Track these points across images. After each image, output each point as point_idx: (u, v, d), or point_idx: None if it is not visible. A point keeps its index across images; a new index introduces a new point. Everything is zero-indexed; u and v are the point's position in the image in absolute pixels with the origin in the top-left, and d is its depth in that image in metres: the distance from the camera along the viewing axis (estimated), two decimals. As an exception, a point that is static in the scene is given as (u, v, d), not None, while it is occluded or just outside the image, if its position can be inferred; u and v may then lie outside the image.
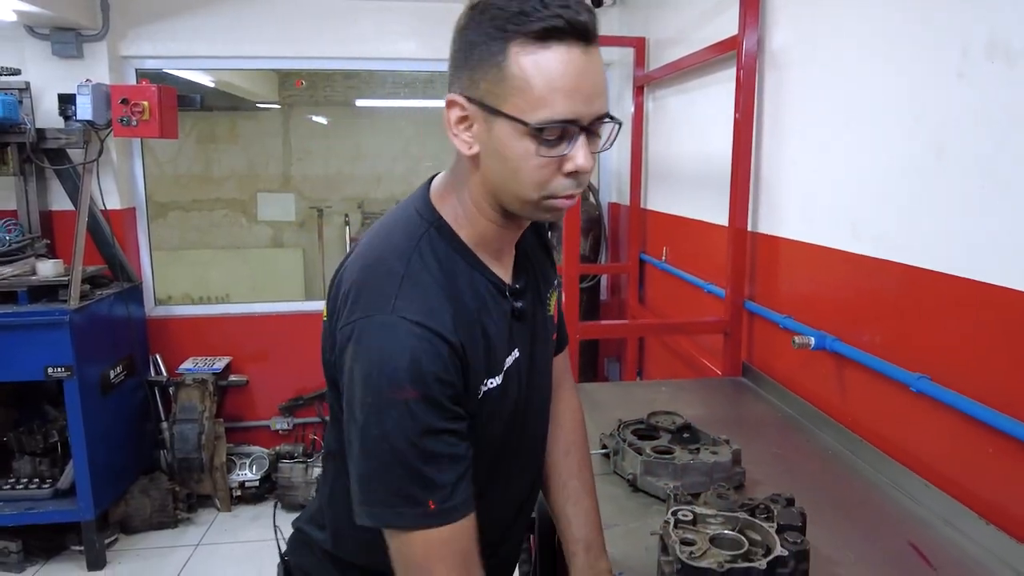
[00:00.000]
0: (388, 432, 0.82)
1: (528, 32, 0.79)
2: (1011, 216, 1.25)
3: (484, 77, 0.83)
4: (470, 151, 0.88)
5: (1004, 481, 1.28)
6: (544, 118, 0.80)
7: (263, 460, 3.62)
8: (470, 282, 0.93)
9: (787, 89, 2.01)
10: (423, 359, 0.82)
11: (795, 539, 1.15)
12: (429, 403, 0.83)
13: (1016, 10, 1.21)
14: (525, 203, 0.88)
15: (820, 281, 1.87)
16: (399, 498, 0.84)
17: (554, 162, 0.83)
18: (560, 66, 0.79)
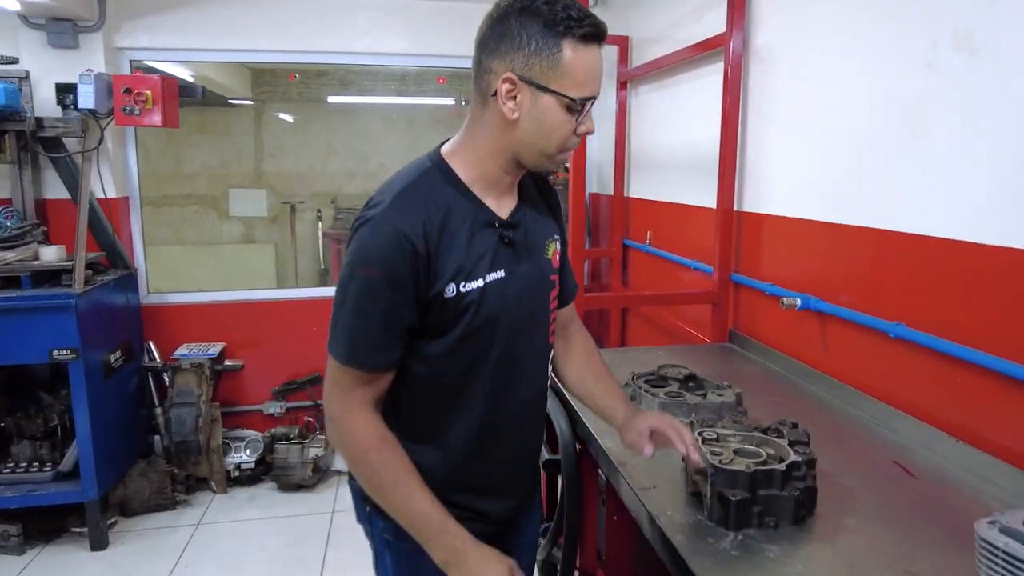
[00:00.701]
0: (350, 295, 1.13)
1: (578, 35, 1.08)
2: (973, 183, 1.50)
3: (539, 62, 1.09)
4: (513, 116, 1.13)
5: (971, 405, 1.52)
6: (583, 95, 1.11)
7: (258, 443, 3.70)
8: (457, 207, 1.17)
9: (770, 81, 2.24)
10: (388, 250, 1.10)
11: (804, 451, 1.36)
12: (385, 282, 1.11)
13: (978, 8, 1.46)
14: (544, 156, 1.17)
15: (803, 250, 2.11)
16: (345, 338, 1.15)
17: (574, 125, 1.14)
18: (594, 61, 1.12)
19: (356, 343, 1.14)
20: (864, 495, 1.40)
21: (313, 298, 4.01)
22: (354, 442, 1.18)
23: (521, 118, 1.12)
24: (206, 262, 6.76)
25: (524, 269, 1.25)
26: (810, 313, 2.02)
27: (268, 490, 3.66)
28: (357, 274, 1.12)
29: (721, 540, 1.23)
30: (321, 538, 3.20)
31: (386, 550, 1.32)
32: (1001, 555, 1.03)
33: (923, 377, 1.65)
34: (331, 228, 7.21)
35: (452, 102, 7.56)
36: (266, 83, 7.10)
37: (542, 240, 1.30)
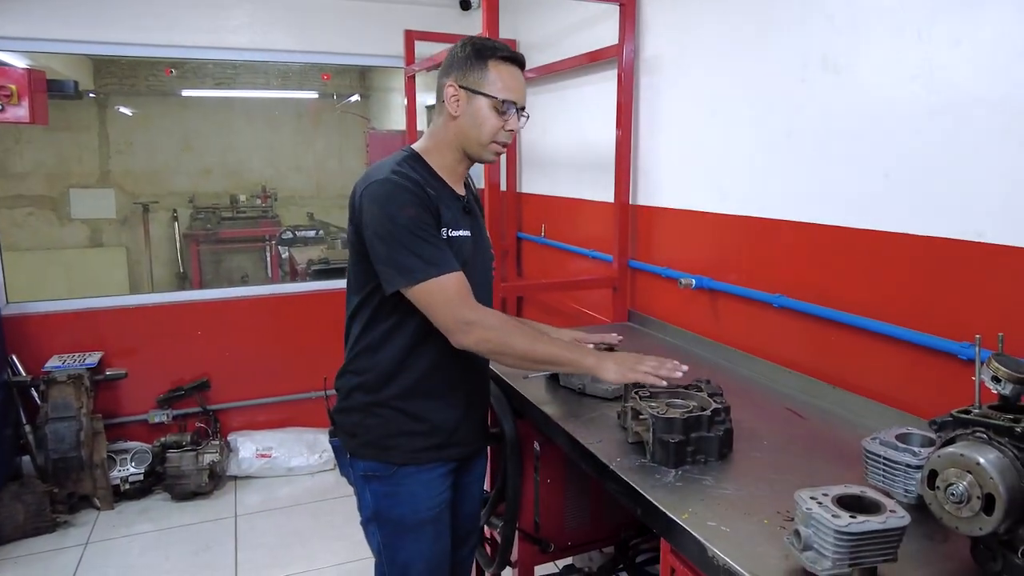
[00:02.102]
0: (402, 231, 1.45)
1: (499, 56, 1.58)
2: (836, 177, 1.86)
3: (472, 74, 1.57)
4: (456, 113, 1.58)
5: (842, 356, 1.88)
6: (504, 97, 1.57)
7: (145, 454, 3.53)
8: (433, 182, 1.58)
9: (661, 88, 2.55)
10: (414, 192, 1.48)
11: (721, 400, 1.64)
12: (422, 212, 1.48)
13: (839, 36, 1.81)
14: (481, 144, 1.60)
15: (694, 237, 2.43)
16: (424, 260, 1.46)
17: (502, 123, 1.59)
18: (513, 76, 1.59)
19: (434, 258, 1.46)
20: (767, 434, 1.70)
21: (197, 300, 3.87)
22: (497, 326, 1.50)
23: (461, 115, 1.58)
24: (45, 269, 6.18)
25: (479, 235, 1.70)
26: (702, 291, 2.34)
27: (160, 501, 3.50)
28: (399, 217, 1.45)
29: (665, 476, 1.46)
30: (228, 542, 3.13)
31: (366, 485, 1.65)
32: (882, 461, 1.34)
33: (802, 338, 2.00)
34: (190, 229, 6.84)
35: (317, 96, 7.42)
36: (110, 74, 6.59)
37: (483, 222, 1.78)
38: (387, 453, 1.63)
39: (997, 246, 1.50)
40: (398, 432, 1.63)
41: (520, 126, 1.63)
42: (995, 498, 1.00)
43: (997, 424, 1.04)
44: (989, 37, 1.48)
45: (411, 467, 1.64)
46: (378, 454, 1.63)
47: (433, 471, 1.66)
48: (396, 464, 1.63)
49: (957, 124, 1.55)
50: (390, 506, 1.65)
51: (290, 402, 4.01)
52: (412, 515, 1.65)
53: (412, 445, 1.63)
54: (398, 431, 1.63)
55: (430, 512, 1.67)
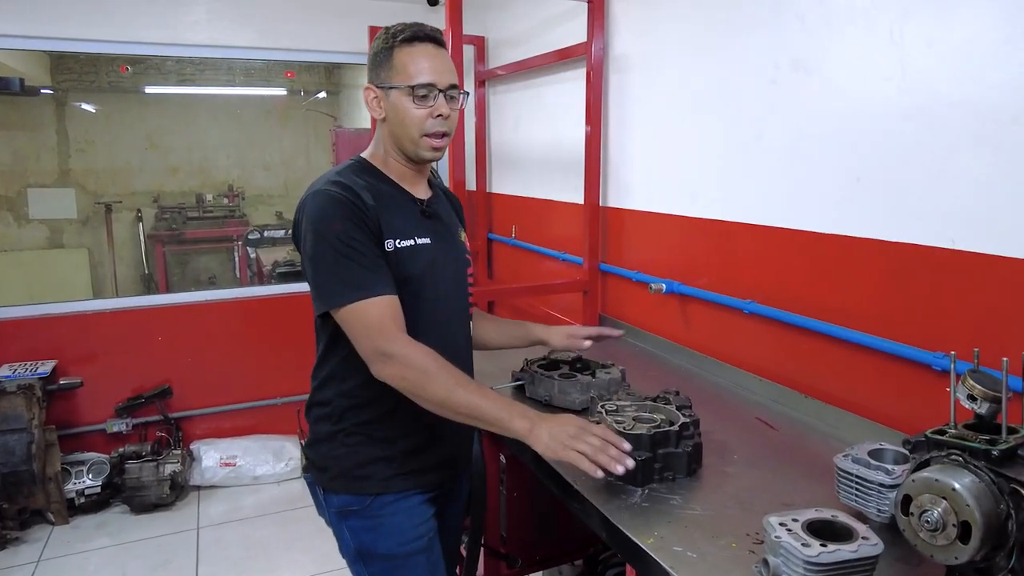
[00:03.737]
0: (327, 249, 1.32)
1: (404, 39, 1.41)
2: (806, 180, 1.81)
3: (382, 69, 1.42)
4: (380, 116, 1.45)
5: (814, 365, 1.83)
6: (414, 83, 1.40)
7: (103, 465, 3.40)
8: (379, 188, 1.44)
9: (630, 88, 2.49)
10: (345, 205, 1.35)
11: (689, 413, 1.58)
12: (351, 227, 1.33)
13: (810, 38, 1.76)
14: (412, 141, 1.43)
15: (665, 240, 2.37)
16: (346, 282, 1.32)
17: (426, 111, 1.41)
18: (421, 55, 1.41)
19: (358, 280, 1.32)
20: (738, 447, 1.65)
21: (157, 306, 3.74)
22: (416, 364, 1.30)
23: (387, 115, 1.44)
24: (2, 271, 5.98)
25: (444, 239, 1.53)
26: (673, 296, 2.29)
27: (119, 514, 3.38)
28: (325, 234, 1.32)
29: (631, 495, 1.41)
30: (190, 556, 3.03)
31: (343, 523, 1.51)
32: (854, 479, 1.29)
33: (774, 345, 1.95)
34: (155, 229, 6.67)
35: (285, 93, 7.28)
36: (69, 70, 6.39)
37: (454, 226, 1.61)
38: (360, 484, 1.48)
39: (970, 253, 1.46)
40: (369, 460, 1.48)
41: (455, 108, 1.46)
42: (971, 526, 0.95)
43: (973, 447, 0.99)
44: (962, 39, 1.44)
45: (388, 496, 1.48)
46: (350, 485, 1.48)
47: (411, 498, 1.51)
48: (371, 494, 1.47)
49: (930, 127, 1.51)
50: (373, 541, 1.49)
51: (256, 408, 3.90)
52: (400, 547, 1.49)
53: (385, 472, 1.48)
54: (369, 458, 1.48)
55: (419, 542, 1.51)
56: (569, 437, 1.25)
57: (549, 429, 1.26)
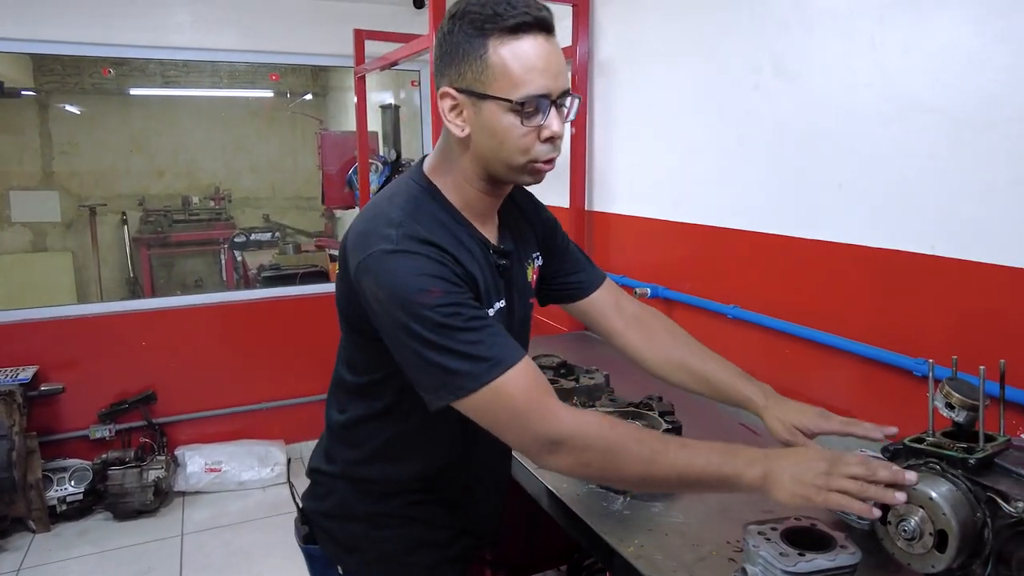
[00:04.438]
0: (429, 327, 0.96)
1: (503, 28, 0.98)
2: (787, 185, 1.81)
3: (470, 69, 1.00)
4: (462, 133, 1.04)
5: (797, 370, 1.84)
6: (524, 94, 0.99)
7: (85, 472, 3.36)
8: (457, 235, 1.08)
9: (615, 91, 2.49)
10: (431, 267, 0.99)
11: (672, 420, 1.58)
12: (450, 288, 0.98)
13: (791, 42, 1.77)
14: (512, 168, 1.05)
15: (648, 245, 2.37)
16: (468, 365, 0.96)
17: (534, 131, 1.02)
18: (532, 52, 0.99)
19: (483, 352, 0.97)
20: (722, 453, 1.65)
21: (141, 310, 3.70)
22: (596, 443, 0.98)
23: (473, 133, 1.04)
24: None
25: (517, 297, 1.20)
26: (658, 300, 2.29)
27: (102, 521, 3.34)
28: (421, 309, 0.96)
29: (613, 503, 1.40)
30: (173, 563, 3.00)
31: None
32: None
33: (757, 350, 1.95)
34: (140, 232, 6.62)
35: (271, 95, 7.25)
36: (52, 72, 6.33)
37: (523, 262, 1.24)
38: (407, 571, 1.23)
39: (949, 259, 1.46)
40: (419, 544, 1.23)
41: (567, 119, 1.07)
42: (948, 534, 0.95)
43: (950, 455, 1.00)
44: (939, 46, 1.45)
45: None
46: (392, 572, 1.23)
47: None
48: None
49: (910, 133, 1.52)
50: None
51: (242, 413, 3.87)
52: None
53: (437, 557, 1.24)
54: (419, 542, 1.23)
55: None
56: (821, 475, 0.95)
57: (790, 472, 0.96)
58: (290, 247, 5.06)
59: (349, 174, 3.92)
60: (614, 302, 1.40)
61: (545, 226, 1.35)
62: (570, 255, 1.38)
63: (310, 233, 6.40)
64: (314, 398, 3.97)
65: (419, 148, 4.46)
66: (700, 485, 1.01)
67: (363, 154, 3.59)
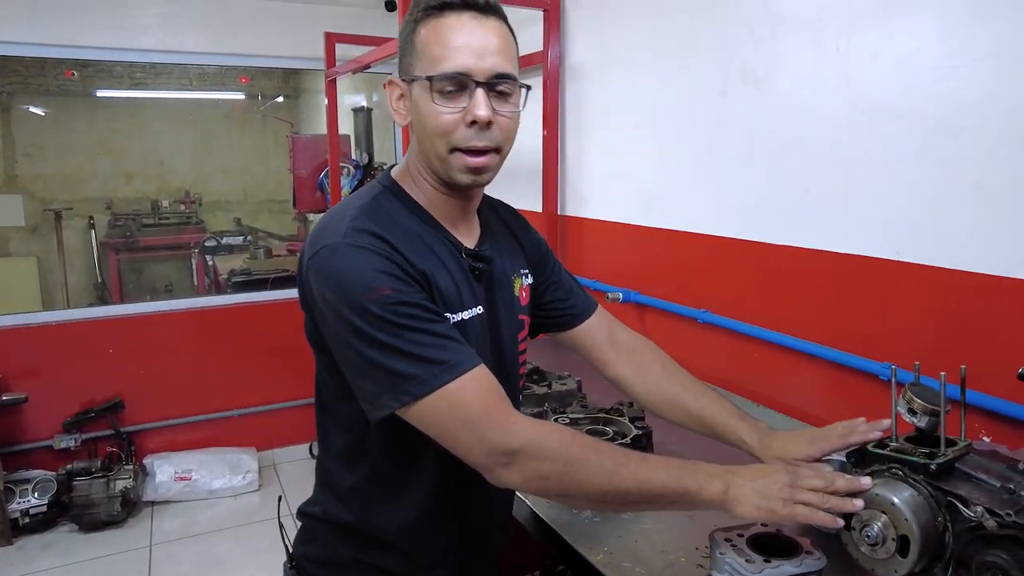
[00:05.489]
0: (376, 325, 0.90)
1: (430, 7, 0.96)
2: (756, 191, 1.82)
3: (405, 55, 1.00)
4: (403, 122, 1.02)
5: (765, 374, 1.85)
6: (439, 71, 0.94)
7: (49, 483, 3.28)
8: (420, 234, 1.01)
9: (587, 96, 2.49)
10: (380, 262, 0.92)
11: (642, 426, 1.58)
12: (401, 286, 0.92)
13: (758, 49, 1.78)
14: (439, 158, 0.99)
15: (620, 250, 2.38)
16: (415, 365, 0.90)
17: (458, 114, 0.95)
18: (451, 28, 0.95)
19: (434, 355, 0.90)
20: (691, 457, 1.64)
21: (107, 317, 3.63)
22: (553, 452, 0.91)
23: (412, 120, 0.99)
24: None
25: (500, 306, 1.11)
26: (630, 305, 2.29)
27: (67, 533, 3.26)
28: (368, 304, 0.90)
29: (582, 511, 1.40)
30: (142, 574, 2.94)
31: None
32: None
33: (727, 354, 1.97)
34: (108, 237, 6.49)
35: (242, 97, 7.16)
36: (15, 73, 6.19)
37: (509, 276, 1.16)
38: None
39: (914, 265, 1.48)
40: None
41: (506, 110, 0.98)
42: (910, 540, 0.96)
43: (912, 461, 1.01)
44: (905, 53, 1.47)
45: None
46: None
47: None
48: None
49: (875, 139, 1.54)
50: None
51: (212, 421, 3.81)
52: None
53: None
54: None
55: None
56: (785, 488, 0.94)
57: (753, 486, 0.94)
58: (261, 252, 4.99)
59: (321, 177, 3.89)
60: (607, 331, 1.35)
61: (536, 248, 1.29)
62: (562, 282, 1.32)
63: (282, 237, 6.33)
64: (286, 404, 3.92)
65: (392, 151, 4.43)
66: (661, 499, 0.96)
67: (334, 157, 3.56)
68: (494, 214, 1.20)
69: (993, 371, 1.31)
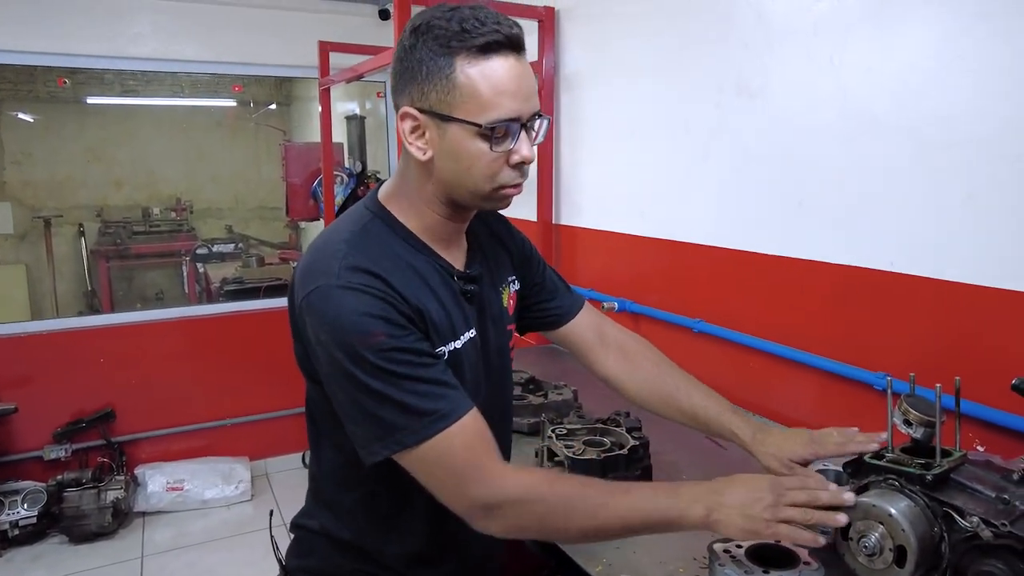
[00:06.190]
0: (370, 372, 0.92)
1: (472, 47, 0.92)
2: (751, 201, 1.84)
3: (434, 89, 0.94)
4: (424, 156, 0.98)
5: (761, 383, 1.86)
6: (494, 118, 0.93)
7: (39, 494, 3.25)
8: (411, 263, 1.02)
9: (581, 106, 2.51)
10: (373, 306, 0.93)
11: (639, 436, 1.59)
12: (395, 331, 0.93)
13: (752, 62, 1.80)
14: (478, 195, 1.00)
15: (615, 259, 2.39)
16: (407, 414, 0.92)
17: (502, 156, 0.96)
18: (503, 73, 0.93)
19: (427, 405, 0.93)
20: (687, 467, 1.66)
21: (97, 326, 3.61)
22: (533, 505, 0.95)
23: (436, 157, 0.98)
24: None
25: (492, 326, 1.13)
26: (625, 314, 2.31)
27: (57, 545, 3.24)
28: (363, 351, 0.91)
29: (581, 523, 1.40)
30: (133, 588, 2.92)
31: None
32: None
33: (722, 364, 1.98)
34: (98, 244, 6.45)
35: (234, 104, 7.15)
36: (4, 79, 6.16)
37: (498, 288, 1.17)
38: None
39: (906, 276, 1.50)
40: None
41: (536, 142, 1.02)
42: (907, 550, 0.97)
43: (909, 472, 1.02)
44: (899, 67, 1.49)
45: None
46: None
47: None
48: None
49: (869, 152, 1.56)
50: None
51: (205, 430, 3.79)
52: None
53: None
54: None
55: None
56: (768, 508, 0.93)
57: (737, 507, 0.94)
58: (253, 260, 4.97)
59: (314, 186, 3.89)
60: (595, 329, 1.36)
61: (520, 250, 1.29)
62: (548, 281, 1.33)
63: (274, 244, 6.31)
64: (279, 414, 3.91)
65: (385, 159, 4.44)
66: (645, 529, 0.98)
67: (328, 166, 3.56)
68: (481, 224, 1.20)
69: (986, 381, 1.32)
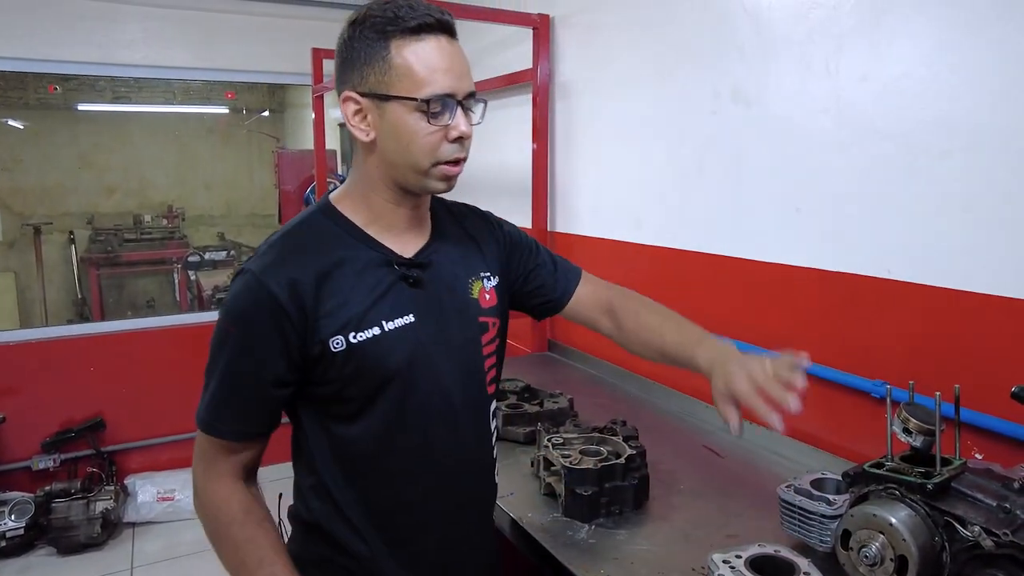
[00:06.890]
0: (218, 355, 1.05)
1: (405, 29, 0.99)
2: (747, 209, 1.84)
3: (372, 72, 1.01)
4: (368, 138, 1.04)
5: (756, 391, 1.85)
6: (428, 93, 0.99)
7: (27, 505, 3.21)
8: (348, 254, 1.06)
9: (576, 114, 2.50)
10: (248, 306, 1.02)
11: (636, 445, 1.58)
12: (244, 341, 1.03)
13: (749, 70, 1.80)
14: (419, 173, 1.04)
15: (611, 266, 2.38)
16: (207, 403, 1.06)
17: (440, 131, 1.02)
18: (435, 52, 1.00)
19: (217, 409, 1.05)
20: (685, 476, 1.65)
21: (87, 335, 3.57)
22: (215, 515, 1.06)
23: (378, 137, 1.04)
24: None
25: (439, 312, 1.12)
26: (620, 321, 2.29)
27: (45, 557, 3.18)
28: (223, 331, 1.05)
29: (578, 532, 1.39)
30: (122, 600, 2.88)
31: None
32: (797, 510, 1.30)
33: (718, 371, 1.97)
34: (89, 252, 6.41)
35: (227, 111, 7.13)
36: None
37: (464, 279, 1.17)
38: None
39: (903, 283, 1.50)
40: None
41: (475, 123, 1.07)
42: (908, 560, 0.96)
43: (909, 481, 1.01)
44: (894, 75, 1.49)
45: None
46: None
47: None
48: None
49: (865, 159, 1.55)
50: None
51: (195, 439, 3.75)
52: None
53: None
54: None
55: None
56: None
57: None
58: (245, 267, 4.94)
59: (307, 193, 3.87)
60: (592, 300, 1.39)
61: (504, 246, 1.28)
62: (539, 270, 1.33)
63: (267, 252, 6.28)
64: (271, 422, 3.87)
65: (379, 167, 4.43)
66: None
67: (321, 172, 3.54)
68: (452, 220, 1.23)
69: (985, 389, 1.32)
